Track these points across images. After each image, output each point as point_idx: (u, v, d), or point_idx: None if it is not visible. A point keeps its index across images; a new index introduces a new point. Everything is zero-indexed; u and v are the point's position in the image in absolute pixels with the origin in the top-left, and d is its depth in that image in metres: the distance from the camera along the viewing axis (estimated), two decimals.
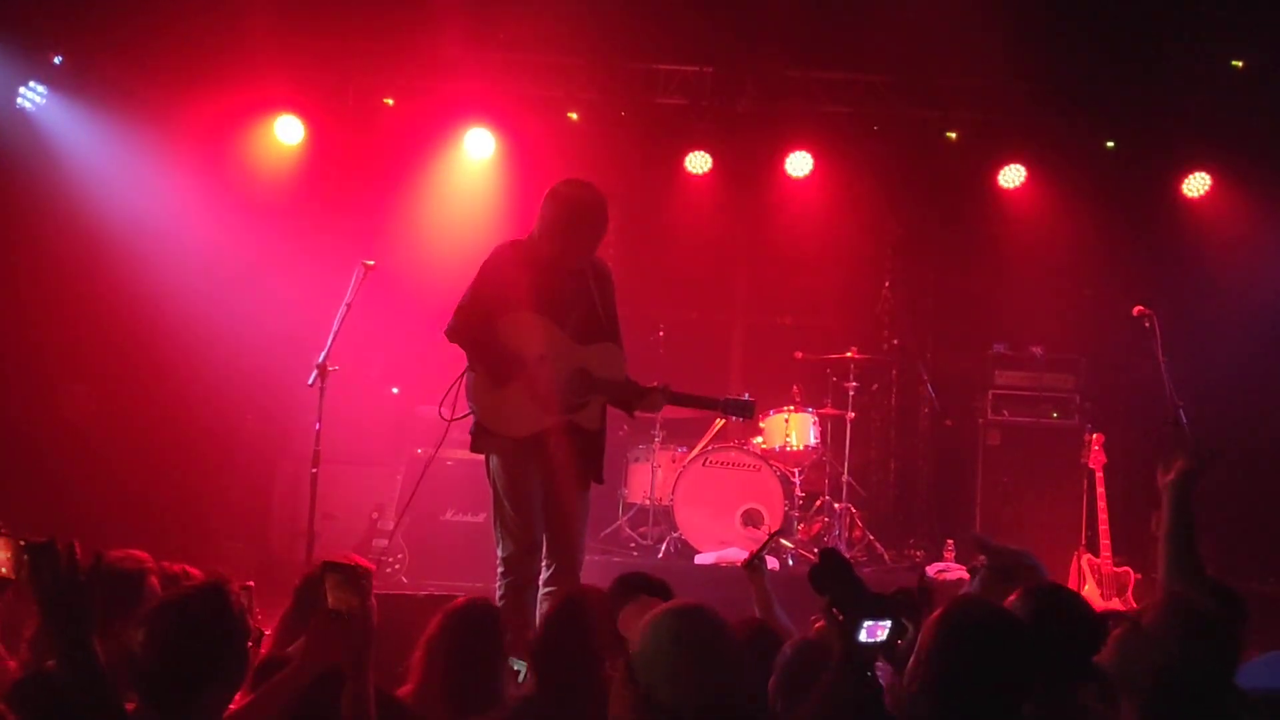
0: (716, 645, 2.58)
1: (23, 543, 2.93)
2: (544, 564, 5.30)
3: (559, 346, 5.31)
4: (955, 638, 2.73)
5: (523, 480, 5.28)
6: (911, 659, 2.80)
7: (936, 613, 2.82)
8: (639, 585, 3.91)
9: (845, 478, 8.71)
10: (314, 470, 6.55)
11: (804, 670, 3.07)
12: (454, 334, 5.31)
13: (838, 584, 2.72)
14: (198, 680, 2.73)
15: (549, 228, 5.28)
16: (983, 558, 4.04)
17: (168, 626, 2.76)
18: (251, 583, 3.77)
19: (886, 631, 2.66)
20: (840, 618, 2.66)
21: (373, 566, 3.71)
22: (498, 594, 5.26)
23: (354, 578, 2.97)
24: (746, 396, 5.67)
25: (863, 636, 2.64)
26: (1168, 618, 2.87)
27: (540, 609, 5.07)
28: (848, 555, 8.41)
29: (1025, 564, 3.94)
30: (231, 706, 2.87)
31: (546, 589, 5.24)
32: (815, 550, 8.51)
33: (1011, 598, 3.17)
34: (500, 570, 5.28)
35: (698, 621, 2.62)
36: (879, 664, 2.84)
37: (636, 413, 5.64)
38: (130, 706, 2.77)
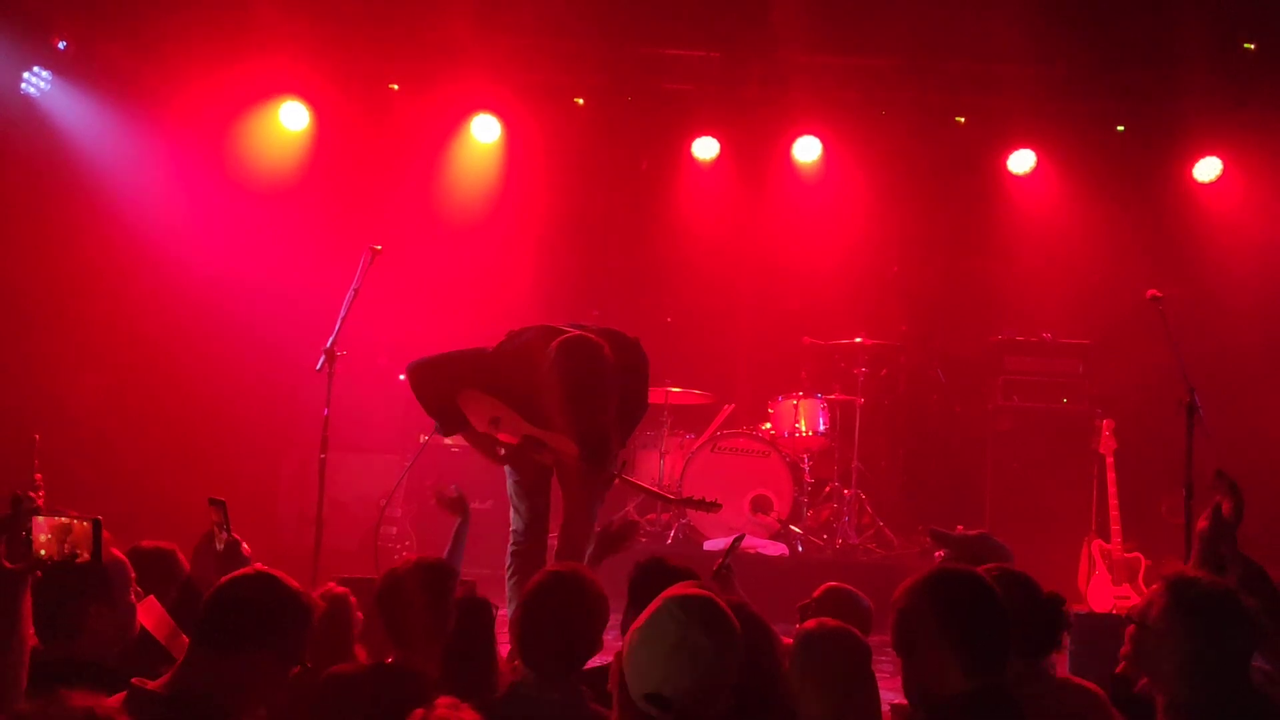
0: (688, 644, 2.54)
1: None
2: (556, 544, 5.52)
3: (506, 420, 5.37)
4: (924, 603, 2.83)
5: (521, 468, 5.48)
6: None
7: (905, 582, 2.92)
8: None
9: (854, 464, 8.67)
10: (322, 456, 6.52)
11: (822, 658, 3.02)
12: (412, 374, 5.51)
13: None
14: (253, 632, 2.90)
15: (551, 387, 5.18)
16: (942, 551, 4.06)
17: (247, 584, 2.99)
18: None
19: None
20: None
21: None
22: (506, 564, 5.48)
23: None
24: (709, 499, 5.59)
25: None
26: (1168, 608, 2.88)
27: None
28: (856, 541, 8.44)
29: (989, 545, 3.95)
30: None
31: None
32: (825, 536, 8.50)
33: None
34: (510, 541, 5.54)
35: (669, 623, 2.58)
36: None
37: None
38: (162, 680, 2.85)
